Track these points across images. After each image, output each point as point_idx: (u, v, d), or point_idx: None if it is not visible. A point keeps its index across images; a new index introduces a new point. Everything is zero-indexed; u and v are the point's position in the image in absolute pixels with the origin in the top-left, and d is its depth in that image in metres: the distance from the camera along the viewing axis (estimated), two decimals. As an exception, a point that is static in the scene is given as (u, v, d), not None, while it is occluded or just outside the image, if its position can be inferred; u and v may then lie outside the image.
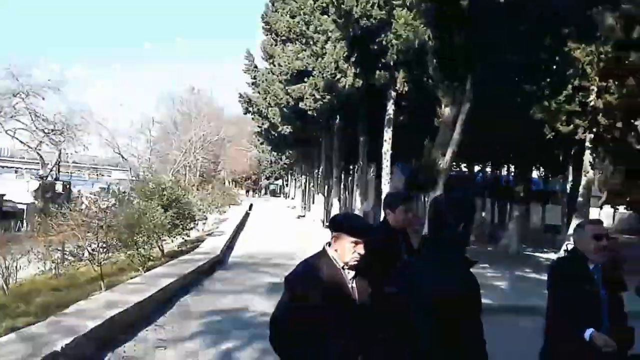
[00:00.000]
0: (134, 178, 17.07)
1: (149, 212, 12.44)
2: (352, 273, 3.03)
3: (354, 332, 2.90)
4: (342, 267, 3.01)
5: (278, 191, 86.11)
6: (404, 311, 2.56)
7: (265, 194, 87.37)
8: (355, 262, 2.98)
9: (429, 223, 2.74)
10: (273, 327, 3.00)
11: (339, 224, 3.13)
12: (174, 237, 15.04)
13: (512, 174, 29.56)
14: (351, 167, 31.59)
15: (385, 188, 18.41)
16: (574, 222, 19.53)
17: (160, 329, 7.48)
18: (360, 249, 2.97)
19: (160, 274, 10.38)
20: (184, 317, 8.27)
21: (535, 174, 30.64)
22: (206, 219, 22.89)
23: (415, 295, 2.53)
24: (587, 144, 19.11)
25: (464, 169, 32.52)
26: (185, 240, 16.57)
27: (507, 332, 8.94)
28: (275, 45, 25.40)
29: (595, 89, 17.73)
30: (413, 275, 2.64)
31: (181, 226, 15.16)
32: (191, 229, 16.75)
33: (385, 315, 2.72)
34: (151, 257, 12.27)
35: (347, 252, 2.99)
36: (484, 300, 9.10)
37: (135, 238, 11.47)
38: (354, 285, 3.03)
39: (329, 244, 3.08)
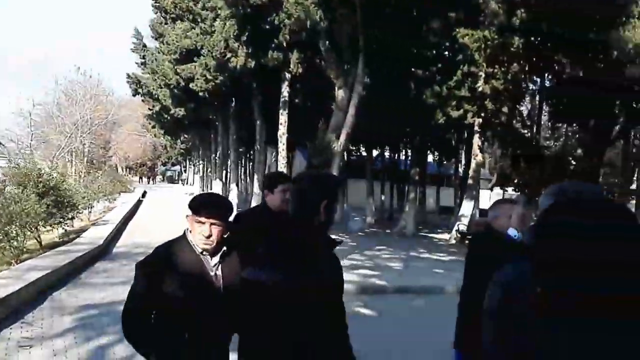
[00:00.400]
0: (12, 165, 15.65)
1: (22, 200, 11.41)
2: (217, 259, 2.76)
3: (219, 323, 2.69)
4: (202, 252, 2.72)
5: (176, 177, 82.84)
6: (284, 299, 2.24)
7: (163, 180, 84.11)
8: (205, 246, 2.69)
9: (290, 202, 2.47)
10: (124, 320, 2.71)
11: (188, 204, 2.79)
12: (52, 227, 13.96)
13: (410, 158, 30.31)
14: (252, 151, 31.12)
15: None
16: (465, 204, 20.37)
17: (27, 326, 6.84)
18: (206, 230, 2.66)
19: (32, 267, 9.50)
20: (55, 312, 7.62)
21: (430, 158, 31.65)
22: (92, 207, 21.61)
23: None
24: (476, 128, 19.88)
25: (364, 153, 33.00)
26: (67, 231, 15.50)
27: (398, 312, 9.05)
28: (166, 23, 24.23)
29: (483, 75, 18.46)
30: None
31: (60, 215, 14.08)
32: (72, 218, 15.66)
33: (253, 304, 2.35)
34: (26, 250, 11.37)
35: (195, 233, 2.71)
36: (378, 282, 9.09)
37: (5, 229, 10.51)
38: (219, 272, 2.75)
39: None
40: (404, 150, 30.80)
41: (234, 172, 25.16)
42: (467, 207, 20.20)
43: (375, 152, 30.26)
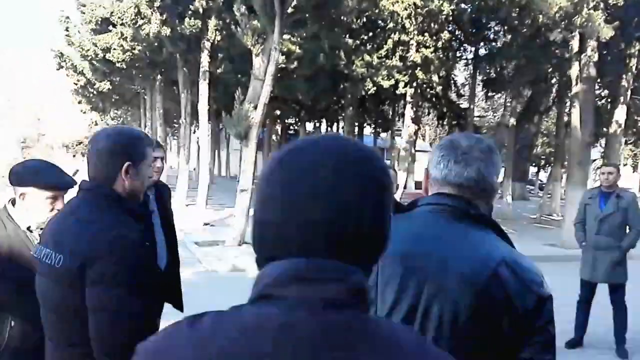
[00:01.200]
0: None
1: None
2: None
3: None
4: (28, 228, 2.45)
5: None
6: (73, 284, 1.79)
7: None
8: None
9: (87, 166, 2.00)
10: None
11: (23, 177, 2.43)
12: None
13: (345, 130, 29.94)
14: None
15: (205, 146, 17.45)
16: (399, 176, 20.20)
17: None
18: (60, 205, 2.43)
19: None
20: None
21: (368, 130, 31.40)
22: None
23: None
24: (409, 98, 19.65)
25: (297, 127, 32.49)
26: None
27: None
28: (88, -8, 22.89)
29: (415, 44, 18.17)
30: None
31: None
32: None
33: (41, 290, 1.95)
34: None
35: (43, 210, 2.42)
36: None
37: None
38: None
39: (13, 201, 2.49)
40: (341, 123, 30.44)
41: (162, 148, 24.23)
42: (400, 179, 20.03)
43: (311, 126, 29.76)
